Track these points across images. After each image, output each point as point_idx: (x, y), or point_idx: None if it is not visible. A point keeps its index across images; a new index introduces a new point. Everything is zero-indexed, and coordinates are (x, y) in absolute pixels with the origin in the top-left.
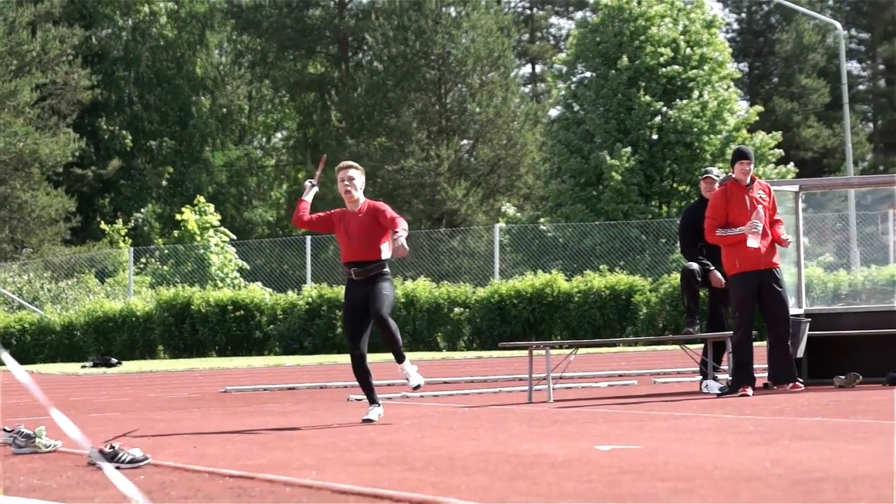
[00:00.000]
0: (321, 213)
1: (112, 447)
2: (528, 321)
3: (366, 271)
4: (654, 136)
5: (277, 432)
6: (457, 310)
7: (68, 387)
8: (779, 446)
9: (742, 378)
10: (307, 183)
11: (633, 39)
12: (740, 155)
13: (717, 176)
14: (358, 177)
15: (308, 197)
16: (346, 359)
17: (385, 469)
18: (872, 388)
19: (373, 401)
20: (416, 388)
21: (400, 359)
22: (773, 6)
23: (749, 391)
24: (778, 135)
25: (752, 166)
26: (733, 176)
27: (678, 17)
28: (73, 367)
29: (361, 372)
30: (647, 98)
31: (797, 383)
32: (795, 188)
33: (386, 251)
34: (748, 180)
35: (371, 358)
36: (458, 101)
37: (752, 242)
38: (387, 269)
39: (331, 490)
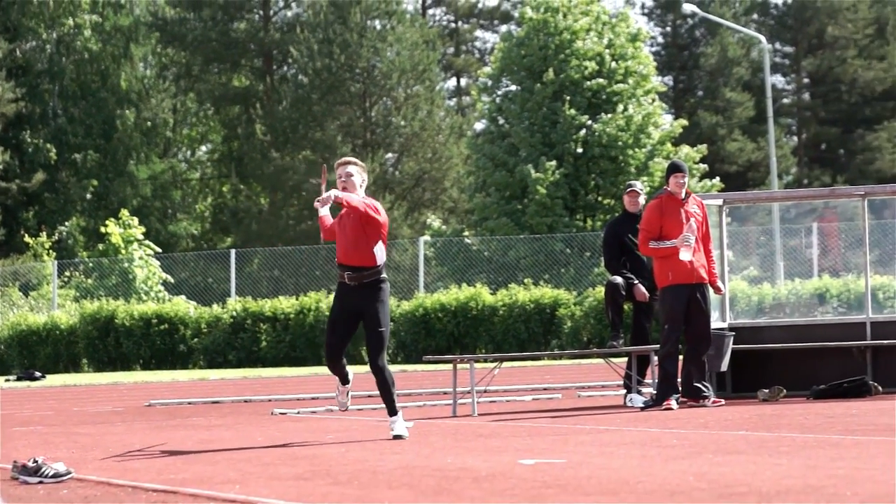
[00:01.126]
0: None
1: (35, 461)
2: (453, 335)
3: (360, 277)
4: (579, 150)
5: (201, 446)
6: None
7: None
8: (702, 460)
9: (668, 390)
10: (316, 203)
11: (559, 53)
12: (675, 168)
13: (641, 190)
14: (357, 174)
15: (323, 211)
16: (269, 372)
17: (309, 483)
18: (796, 402)
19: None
20: (397, 437)
21: (392, 412)
22: (698, 20)
23: (673, 404)
24: (703, 148)
25: (686, 179)
26: (668, 189)
27: (603, 30)
28: None
29: (336, 368)
30: (572, 111)
31: (716, 398)
32: (719, 202)
33: (381, 255)
34: (683, 194)
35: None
36: (382, 114)
37: (685, 255)
38: (383, 276)
39: None
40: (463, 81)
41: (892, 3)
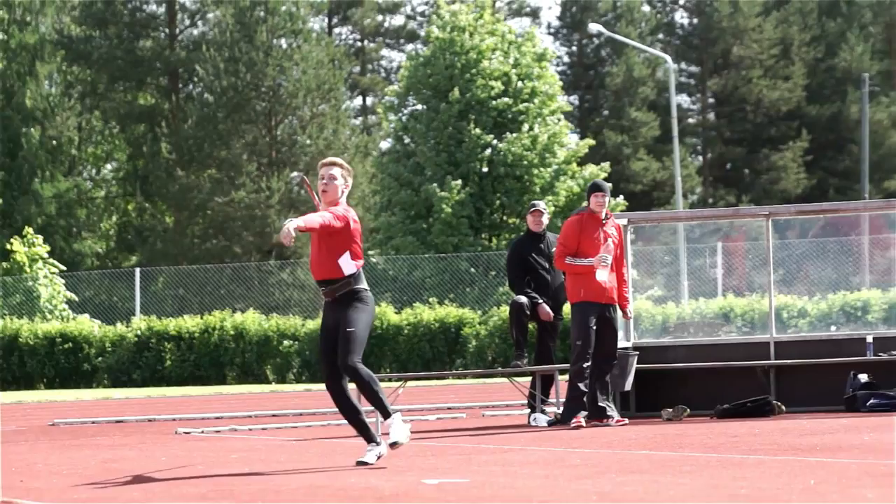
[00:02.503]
0: None
1: None
2: None
3: (332, 291)
4: (485, 169)
5: (105, 465)
6: (286, 342)
7: None
8: (606, 480)
9: (576, 408)
10: (283, 240)
11: (465, 72)
12: (595, 188)
13: (544, 209)
14: (340, 177)
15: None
16: (174, 392)
17: (212, 503)
18: (700, 421)
19: (369, 439)
20: (394, 444)
21: (384, 414)
22: (604, 39)
23: (582, 422)
24: (606, 165)
25: (607, 199)
26: (589, 207)
27: (509, 50)
28: None
29: (344, 410)
30: (478, 131)
31: (620, 418)
32: (624, 221)
33: (349, 266)
34: (604, 214)
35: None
36: (288, 133)
37: (601, 275)
38: (360, 287)
39: None
40: (369, 100)
41: (796, 23)
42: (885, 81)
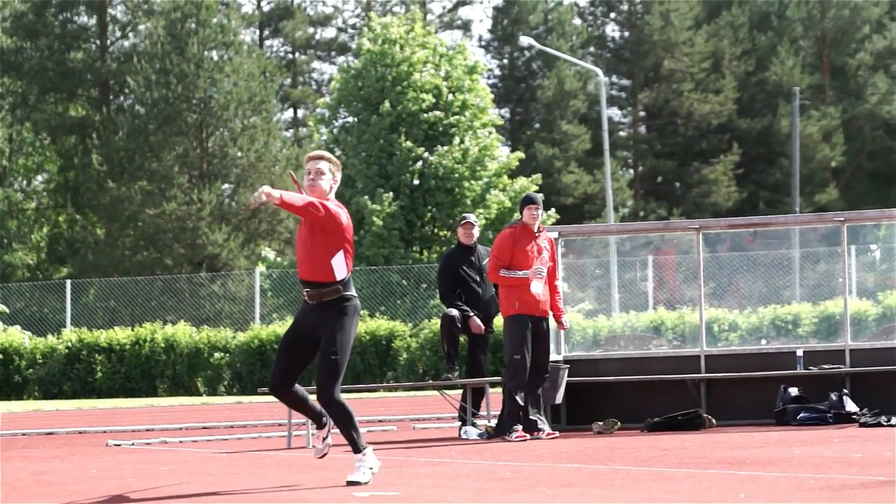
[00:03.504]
0: None
1: None
2: None
3: (318, 295)
4: (416, 182)
5: (35, 478)
6: (217, 354)
7: None
8: (536, 493)
9: (513, 421)
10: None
11: (396, 85)
12: (529, 200)
13: (475, 222)
14: (328, 171)
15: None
16: (105, 403)
17: None
18: (630, 435)
19: (320, 425)
20: (351, 483)
21: (354, 449)
22: (536, 52)
23: (521, 433)
24: (538, 177)
25: (540, 212)
26: (522, 220)
27: (440, 63)
28: None
29: (296, 404)
30: (409, 144)
31: (551, 431)
32: (555, 235)
33: (341, 268)
34: (537, 226)
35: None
36: (219, 145)
37: (536, 287)
38: (348, 295)
39: None
40: (300, 112)
41: (727, 37)
42: (815, 95)
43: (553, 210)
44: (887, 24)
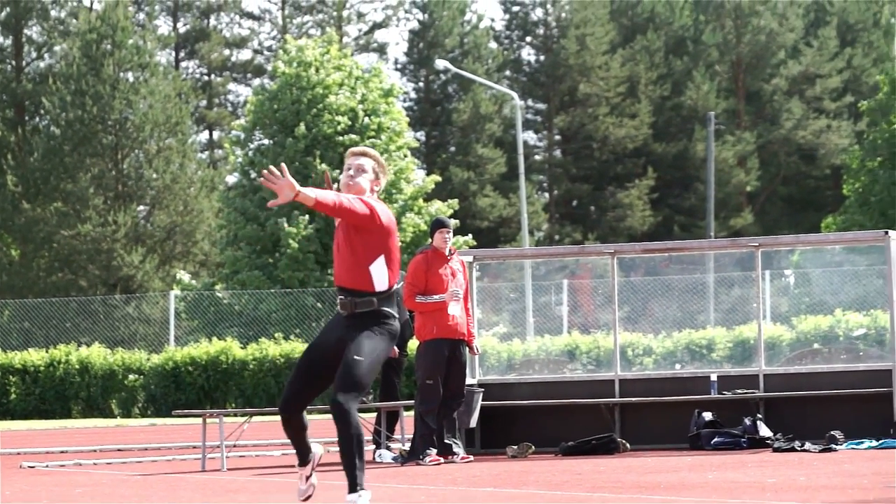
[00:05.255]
0: None
1: None
2: (204, 388)
3: (351, 305)
4: None
5: None
6: (131, 376)
7: None
8: None
9: (427, 445)
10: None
11: (311, 107)
12: (439, 224)
13: None
14: (370, 170)
15: None
16: (19, 425)
17: None
18: (545, 458)
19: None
20: None
21: (351, 487)
22: (451, 76)
23: (434, 457)
24: (454, 202)
25: (451, 235)
26: (433, 244)
27: (356, 85)
28: None
29: (292, 429)
30: (324, 166)
31: (465, 455)
32: (470, 258)
33: (381, 278)
34: (448, 250)
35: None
36: (134, 166)
37: (453, 309)
38: (386, 310)
39: None
40: (216, 134)
41: (643, 61)
42: (730, 120)
43: (469, 235)
44: (802, 50)
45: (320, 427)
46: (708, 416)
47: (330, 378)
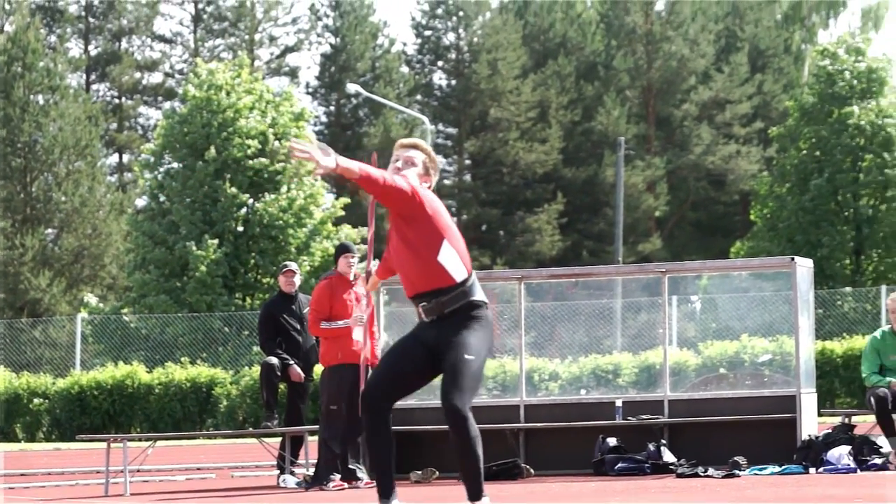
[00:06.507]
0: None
1: None
2: (109, 413)
3: (438, 306)
4: (240, 229)
5: None
6: (36, 400)
7: None
8: None
9: (330, 470)
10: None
11: (221, 131)
12: (344, 249)
13: (296, 270)
14: (421, 164)
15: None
16: None
17: None
18: (448, 483)
19: (385, 495)
20: None
21: (475, 495)
22: (362, 100)
23: (338, 482)
24: (364, 231)
25: (356, 260)
26: (338, 270)
27: (267, 109)
28: None
29: (382, 433)
30: (234, 190)
31: (369, 480)
32: None
33: (456, 266)
34: (352, 275)
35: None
36: (43, 189)
37: (358, 335)
38: (478, 300)
39: None
40: (126, 157)
41: (554, 86)
42: (640, 145)
43: (377, 260)
44: (713, 76)
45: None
46: (612, 441)
47: (423, 374)
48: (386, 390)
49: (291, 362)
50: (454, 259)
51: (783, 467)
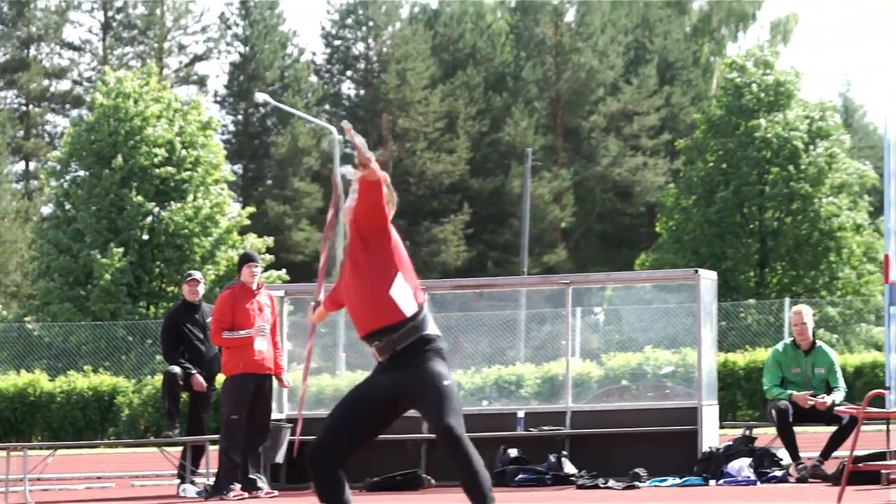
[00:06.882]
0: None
1: None
2: (10, 421)
3: (390, 344)
4: (146, 237)
5: None
6: None
7: None
8: None
9: (231, 480)
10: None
11: (129, 139)
12: (247, 258)
13: (201, 279)
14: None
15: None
16: None
17: None
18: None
19: None
20: None
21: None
22: (270, 109)
23: (238, 492)
24: (270, 240)
25: (259, 269)
26: (241, 279)
27: (174, 118)
28: None
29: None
30: (140, 198)
31: (270, 490)
32: (281, 293)
33: (406, 299)
34: (256, 284)
35: None
36: None
37: (260, 345)
38: (432, 334)
39: None
40: (31, 165)
41: (463, 97)
42: (547, 156)
43: (283, 270)
44: (622, 87)
45: None
46: (513, 452)
47: (378, 424)
48: (336, 447)
49: (194, 371)
50: (406, 294)
51: (683, 479)
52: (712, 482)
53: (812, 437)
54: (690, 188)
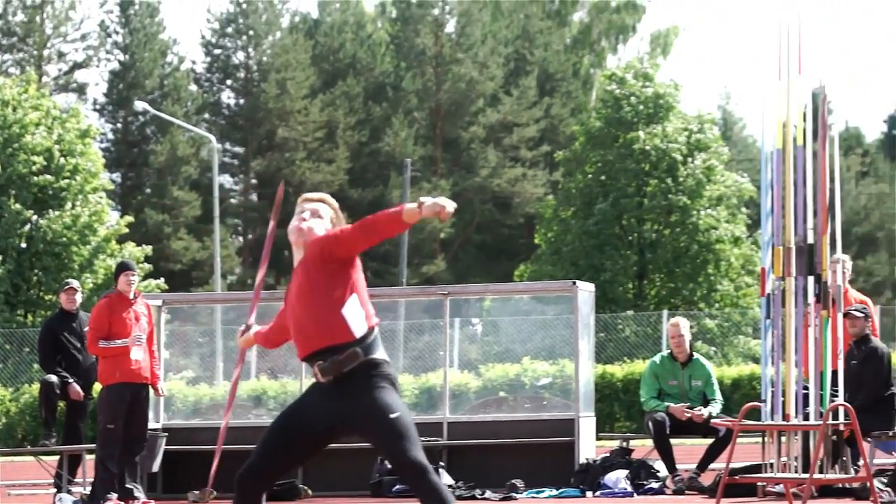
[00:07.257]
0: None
1: None
2: None
3: (336, 365)
4: (24, 245)
5: None
6: None
7: None
8: None
9: (107, 489)
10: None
11: (7, 147)
12: (124, 267)
13: (78, 287)
14: (327, 216)
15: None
16: None
17: None
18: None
19: None
20: None
21: None
22: (150, 117)
23: (115, 502)
24: (148, 249)
25: (136, 278)
26: (117, 288)
27: (53, 125)
28: None
29: None
30: (18, 206)
31: (146, 499)
32: (159, 303)
33: (357, 320)
34: (132, 293)
35: None
36: None
37: (136, 354)
38: (379, 359)
39: None
40: None
41: (342, 106)
42: (427, 167)
43: (162, 279)
44: (502, 99)
45: None
46: None
47: (307, 450)
48: (268, 470)
49: (71, 380)
50: (358, 315)
51: (560, 490)
52: (589, 494)
53: (689, 450)
54: (569, 200)
